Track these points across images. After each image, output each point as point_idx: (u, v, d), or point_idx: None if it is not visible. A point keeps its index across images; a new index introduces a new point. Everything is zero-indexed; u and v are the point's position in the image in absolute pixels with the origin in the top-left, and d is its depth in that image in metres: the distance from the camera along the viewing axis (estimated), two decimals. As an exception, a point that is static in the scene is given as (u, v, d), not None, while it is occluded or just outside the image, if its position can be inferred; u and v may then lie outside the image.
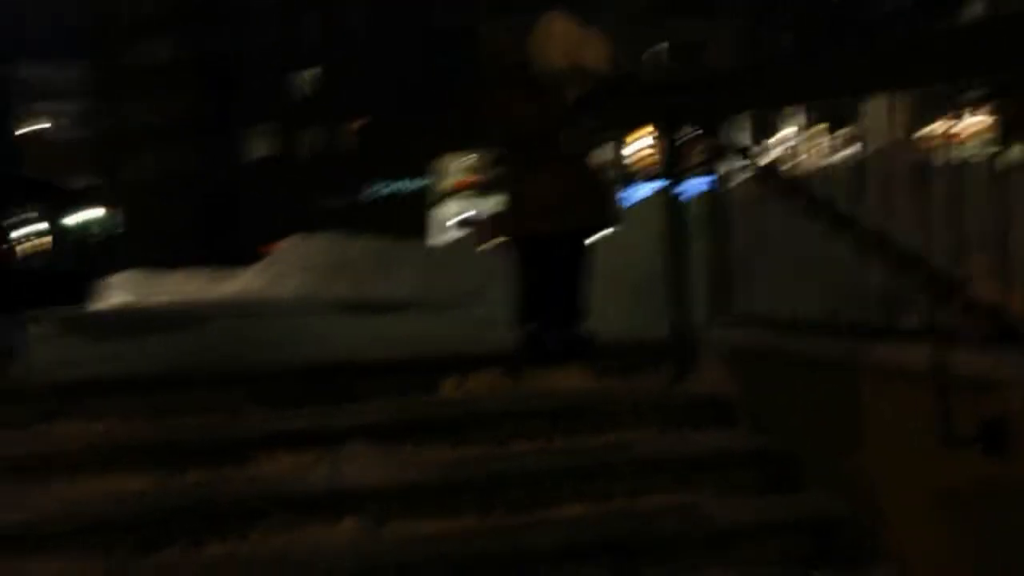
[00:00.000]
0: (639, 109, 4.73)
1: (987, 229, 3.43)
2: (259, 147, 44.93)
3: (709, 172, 4.66)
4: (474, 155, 32.65)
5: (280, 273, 14.10)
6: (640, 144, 36.42)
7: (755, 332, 4.29)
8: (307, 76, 43.27)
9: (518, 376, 4.42)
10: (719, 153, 4.59)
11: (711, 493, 3.83)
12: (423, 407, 4.20)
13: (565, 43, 4.41)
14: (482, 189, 31.39)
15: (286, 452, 3.87)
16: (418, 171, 34.42)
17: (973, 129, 6.09)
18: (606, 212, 4.65)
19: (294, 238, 14.99)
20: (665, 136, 4.50)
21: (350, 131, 41.02)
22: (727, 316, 4.54)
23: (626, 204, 5.90)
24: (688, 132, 4.50)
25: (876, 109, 6.04)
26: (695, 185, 4.78)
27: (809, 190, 4.01)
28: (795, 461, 3.89)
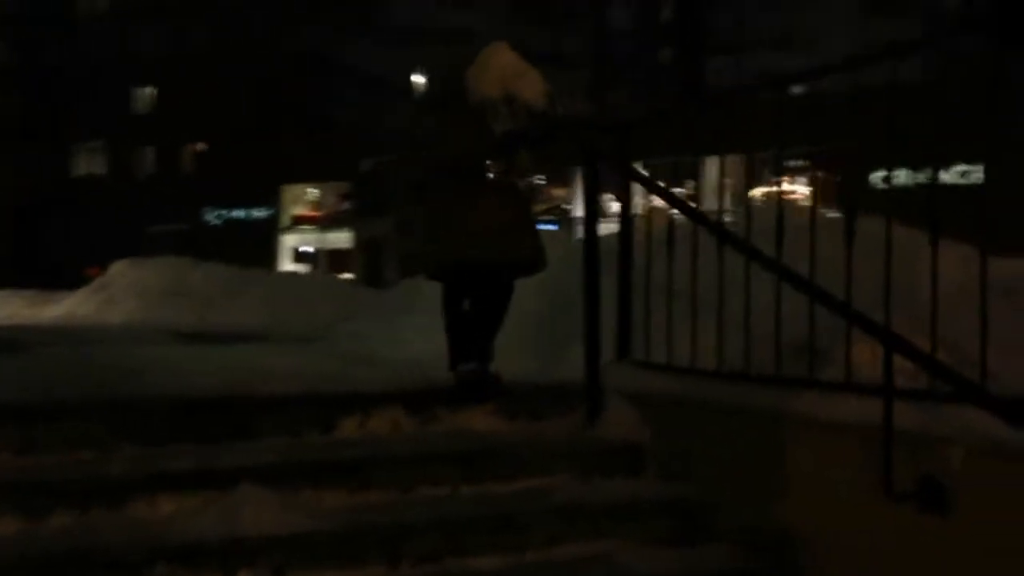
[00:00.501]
0: (563, 147, 4.52)
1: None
2: (90, 164, 42.80)
3: (621, 212, 4.56)
4: (318, 188, 32.05)
5: (110, 298, 13.22)
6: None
7: (666, 377, 4.19)
8: (145, 93, 41.61)
9: (423, 415, 4.16)
10: (630, 191, 4.50)
11: (627, 543, 3.67)
12: (321, 448, 3.90)
13: (502, 74, 4.28)
14: (326, 223, 30.83)
15: (167, 496, 3.49)
16: (262, 199, 33.46)
17: (797, 193, 6.41)
18: (541, 252, 4.48)
19: (126, 261, 14.13)
20: (585, 175, 4.39)
21: (190, 153, 39.62)
22: (635, 359, 4.44)
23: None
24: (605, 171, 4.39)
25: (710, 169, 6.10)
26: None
27: (730, 232, 3.95)
28: (712, 511, 3.79)
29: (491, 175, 4.32)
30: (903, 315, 3.69)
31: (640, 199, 5.09)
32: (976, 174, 23.10)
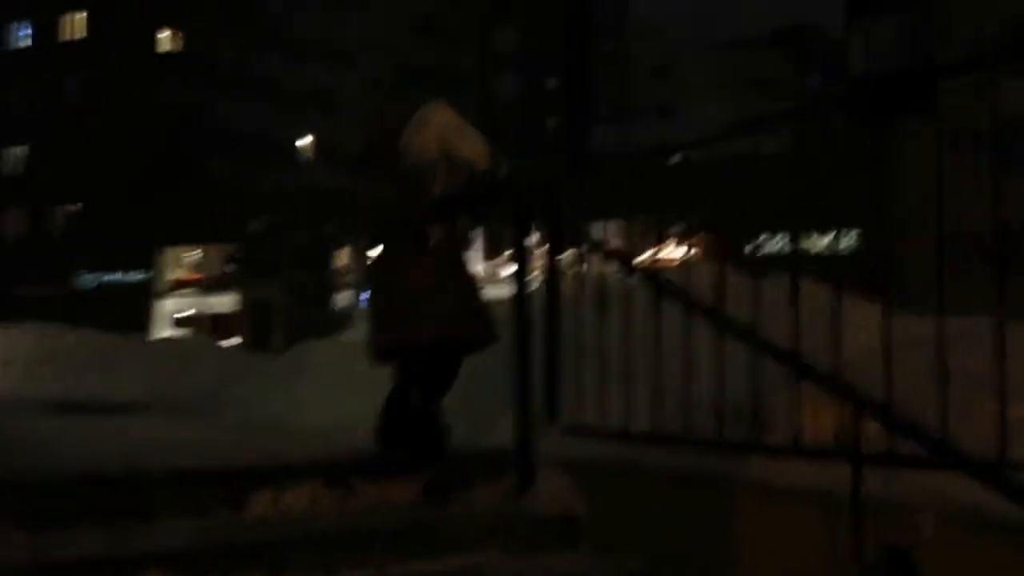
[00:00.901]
0: (495, 205, 4.31)
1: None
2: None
3: (548, 270, 4.37)
4: (199, 250, 31.19)
5: (-29, 366, 12.38)
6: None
7: (600, 442, 3.98)
8: (15, 153, 40.01)
9: (344, 489, 3.84)
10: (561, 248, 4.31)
11: (570, 625, 3.42)
12: (233, 528, 3.54)
13: (441, 133, 3.99)
14: (209, 286, 29.92)
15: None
16: (138, 262, 32.32)
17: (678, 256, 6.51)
18: (492, 324, 4.09)
19: (-10, 327, 13.28)
20: (516, 233, 4.19)
21: (63, 214, 38.13)
22: (564, 424, 4.22)
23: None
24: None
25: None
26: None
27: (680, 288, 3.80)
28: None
29: (432, 241, 3.95)
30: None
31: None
32: (846, 240, 24.30)
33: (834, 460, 3.28)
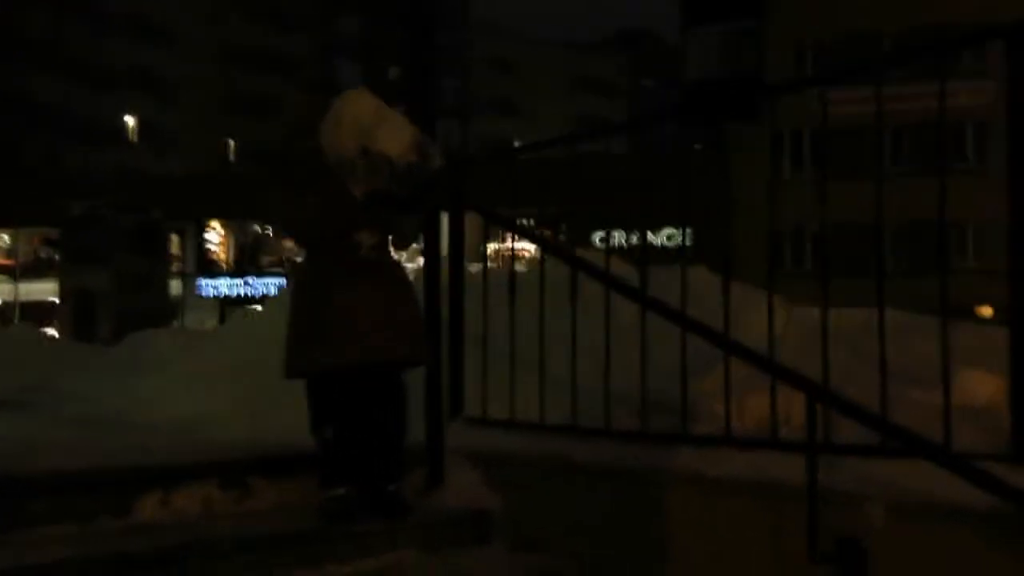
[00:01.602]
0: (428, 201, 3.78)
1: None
2: None
3: (452, 257, 4.16)
4: (9, 235, 29.20)
5: None
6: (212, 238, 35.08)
7: (514, 435, 3.81)
8: None
9: (239, 491, 3.52)
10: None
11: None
12: (121, 535, 3.17)
13: (357, 126, 3.41)
14: (22, 273, 28.04)
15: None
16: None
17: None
18: (420, 343, 3.54)
19: None
20: (452, 222, 3.96)
21: None
22: (475, 417, 4.03)
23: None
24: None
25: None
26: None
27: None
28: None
29: (364, 249, 3.41)
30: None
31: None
32: (676, 239, 25.16)
33: (764, 449, 3.23)
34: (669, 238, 23.23)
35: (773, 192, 3.34)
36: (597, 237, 21.24)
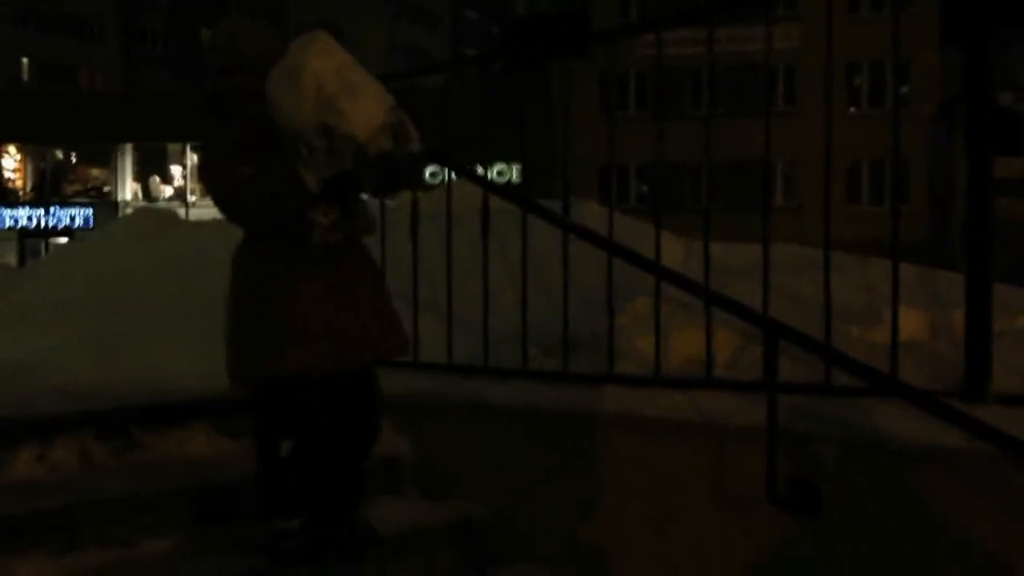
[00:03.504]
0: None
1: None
2: None
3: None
4: None
5: None
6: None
7: (422, 375, 3.57)
8: None
9: (119, 442, 3.14)
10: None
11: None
12: (5, 497, 2.76)
13: (318, 93, 2.54)
14: None
15: None
16: None
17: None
18: (400, 332, 2.94)
19: None
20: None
21: None
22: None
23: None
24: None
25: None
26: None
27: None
28: (510, 531, 3.24)
29: (319, 230, 2.67)
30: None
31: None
32: (507, 175, 25.27)
33: (696, 388, 3.13)
34: (500, 173, 23.20)
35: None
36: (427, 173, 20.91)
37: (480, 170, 4.27)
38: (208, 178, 2.71)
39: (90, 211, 30.60)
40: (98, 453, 3.09)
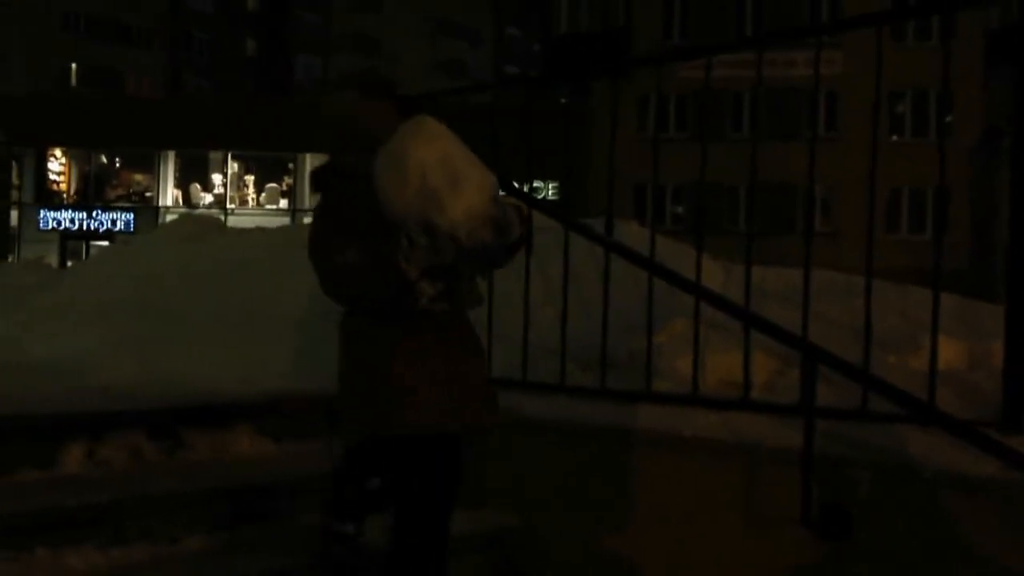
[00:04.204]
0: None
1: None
2: None
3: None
4: None
5: None
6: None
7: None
8: None
9: (170, 442, 3.23)
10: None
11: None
12: (47, 489, 2.85)
13: (422, 184, 2.44)
14: None
15: None
16: None
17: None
18: (496, 409, 2.80)
19: None
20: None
21: None
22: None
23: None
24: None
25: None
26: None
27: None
28: (542, 543, 3.29)
29: (423, 300, 2.56)
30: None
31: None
32: (543, 192, 25.35)
33: (732, 410, 3.17)
34: (536, 191, 23.30)
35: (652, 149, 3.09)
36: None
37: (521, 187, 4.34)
38: (313, 259, 2.66)
39: (131, 216, 31.01)
40: (148, 451, 3.18)
